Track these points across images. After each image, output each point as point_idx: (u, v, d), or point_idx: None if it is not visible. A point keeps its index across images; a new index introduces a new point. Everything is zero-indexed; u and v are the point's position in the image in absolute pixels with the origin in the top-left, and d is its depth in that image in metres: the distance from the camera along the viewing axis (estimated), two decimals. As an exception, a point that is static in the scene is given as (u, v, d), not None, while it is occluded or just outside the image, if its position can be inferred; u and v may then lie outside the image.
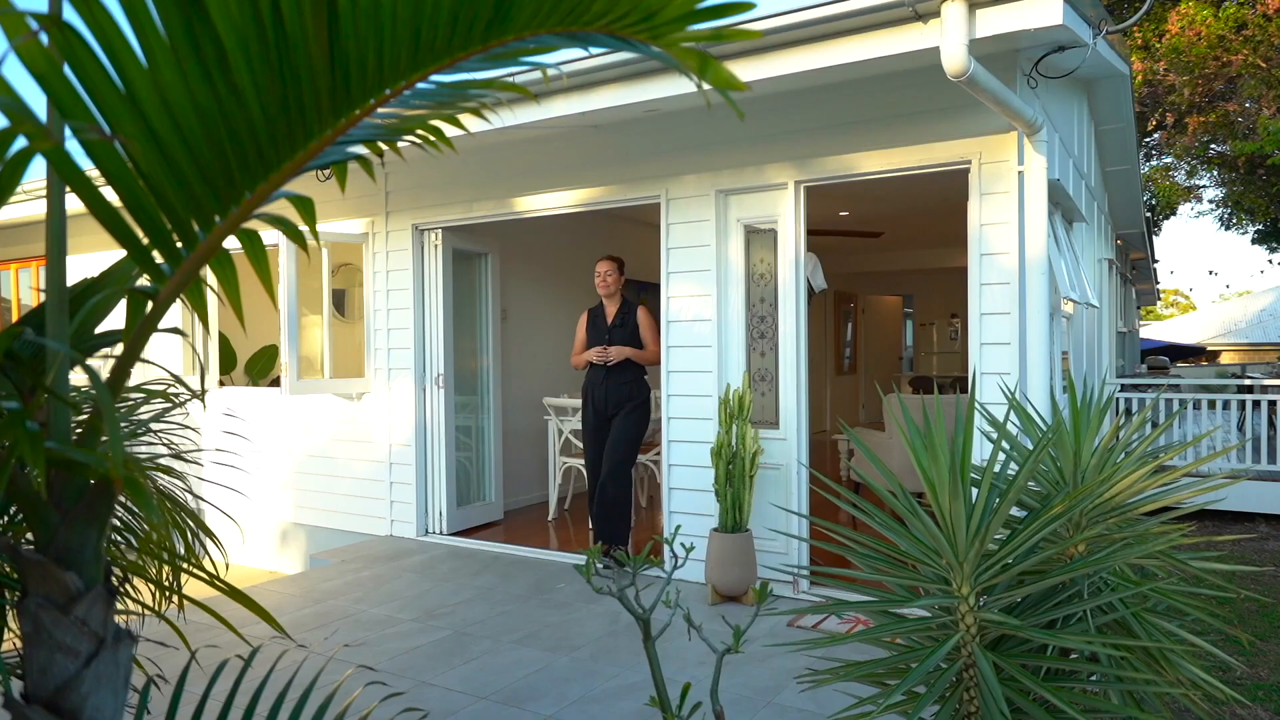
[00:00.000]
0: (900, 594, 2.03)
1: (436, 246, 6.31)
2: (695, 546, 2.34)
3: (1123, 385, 8.63)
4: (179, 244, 0.92)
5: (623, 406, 5.31)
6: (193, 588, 2.38)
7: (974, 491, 2.04)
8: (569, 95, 4.27)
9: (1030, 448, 2.47)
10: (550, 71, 3.74)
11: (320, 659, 3.88)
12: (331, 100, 0.92)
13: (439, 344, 6.30)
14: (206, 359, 7.38)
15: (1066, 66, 4.42)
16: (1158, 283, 19.59)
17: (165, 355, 7.37)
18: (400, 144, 1.00)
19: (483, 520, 6.60)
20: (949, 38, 3.31)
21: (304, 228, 0.94)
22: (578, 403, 6.09)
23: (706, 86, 0.89)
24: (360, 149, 1.05)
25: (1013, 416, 2.40)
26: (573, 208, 5.65)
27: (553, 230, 7.81)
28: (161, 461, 2.38)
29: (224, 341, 8.29)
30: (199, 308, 1.05)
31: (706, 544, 4.71)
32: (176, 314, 7.34)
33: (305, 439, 6.86)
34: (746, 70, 3.89)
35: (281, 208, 0.98)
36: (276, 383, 7.52)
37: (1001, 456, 2.08)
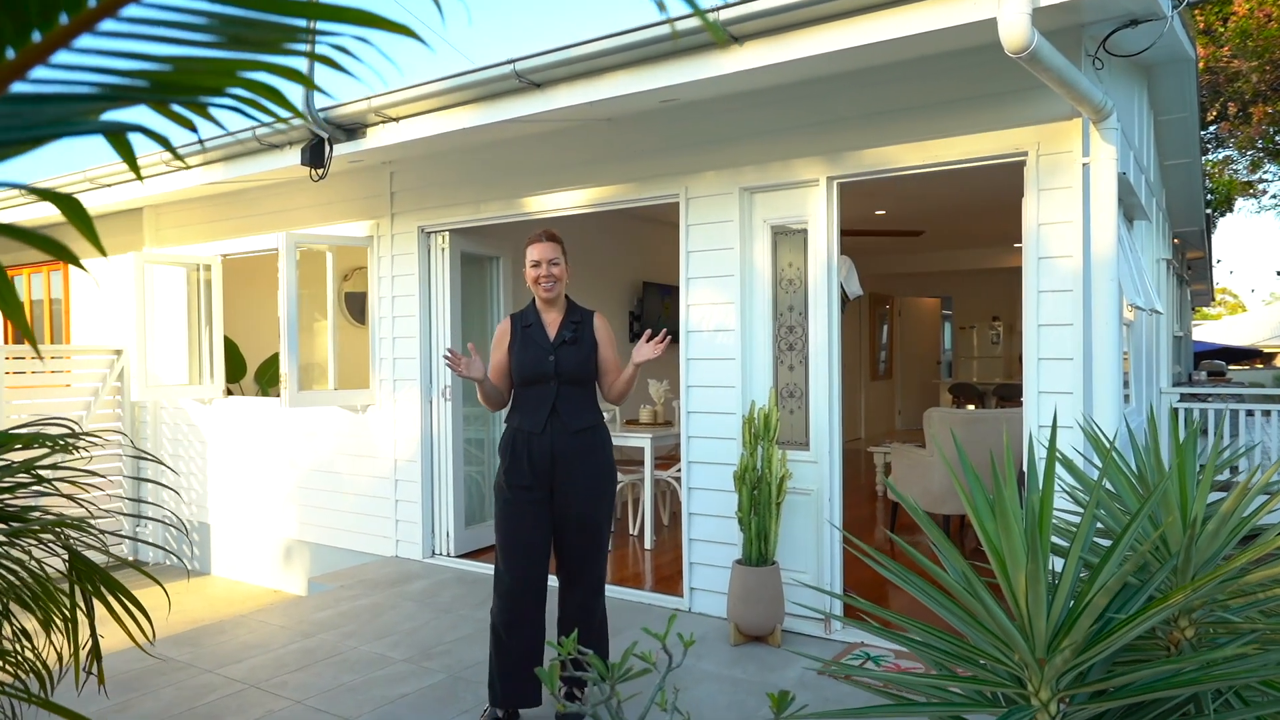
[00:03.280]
0: (968, 698, 1.60)
1: (444, 250, 5.93)
2: (696, 640, 1.91)
3: (1182, 395, 8.02)
4: None
5: (577, 467, 3.32)
6: (112, 639, 2.00)
7: (1052, 559, 1.61)
8: (573, 84, 3.85)
9: (1111, 490, 2.01)
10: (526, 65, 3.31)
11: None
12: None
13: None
14: (213, 366, 7.08)
15: (1136, 46, 3.92)
16: (1215, 283, 18.74)
17: (170, 362, 7.08)
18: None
19: (492, 541, 6.20)
20: (1008, 6, 2.84)
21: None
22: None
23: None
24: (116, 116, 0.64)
25: (1086, 449, 1.95)
26: (586, 207, 5.24)
27: (570, 231, 7.39)
28: (65, 515, 2.01)
29: (232, 347, 7.99)
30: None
31: (729, 577, 4.27)
32: (182, 317, 7.06)
33: (309, 452, 6.53)
34: (772, 51, 3.44)
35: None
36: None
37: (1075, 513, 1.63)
